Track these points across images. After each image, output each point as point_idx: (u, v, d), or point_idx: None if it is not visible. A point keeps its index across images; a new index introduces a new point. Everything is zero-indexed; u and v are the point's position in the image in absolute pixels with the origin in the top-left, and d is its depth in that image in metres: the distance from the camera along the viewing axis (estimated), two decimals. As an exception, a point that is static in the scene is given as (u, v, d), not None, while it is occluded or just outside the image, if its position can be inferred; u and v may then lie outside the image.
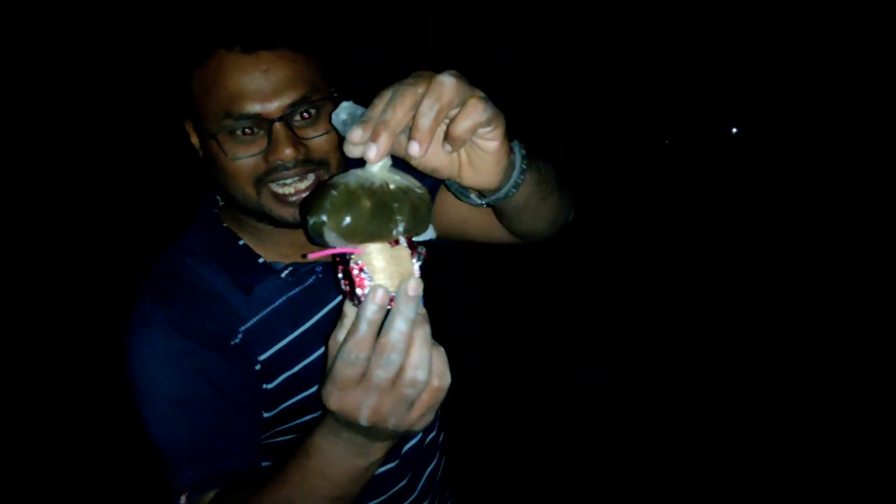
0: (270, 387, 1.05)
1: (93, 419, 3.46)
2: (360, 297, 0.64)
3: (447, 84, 0.62)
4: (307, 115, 0.94)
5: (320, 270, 1.08)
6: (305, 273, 1.07)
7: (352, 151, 0.63)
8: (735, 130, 7.80)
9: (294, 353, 1.06)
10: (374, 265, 0.65)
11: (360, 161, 0.64)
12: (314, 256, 0.69)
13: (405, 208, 0.65)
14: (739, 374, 3.73)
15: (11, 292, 4.30)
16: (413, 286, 0.61)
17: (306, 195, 0.95)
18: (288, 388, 1.06)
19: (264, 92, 0.90)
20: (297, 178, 0.95)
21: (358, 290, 0.65)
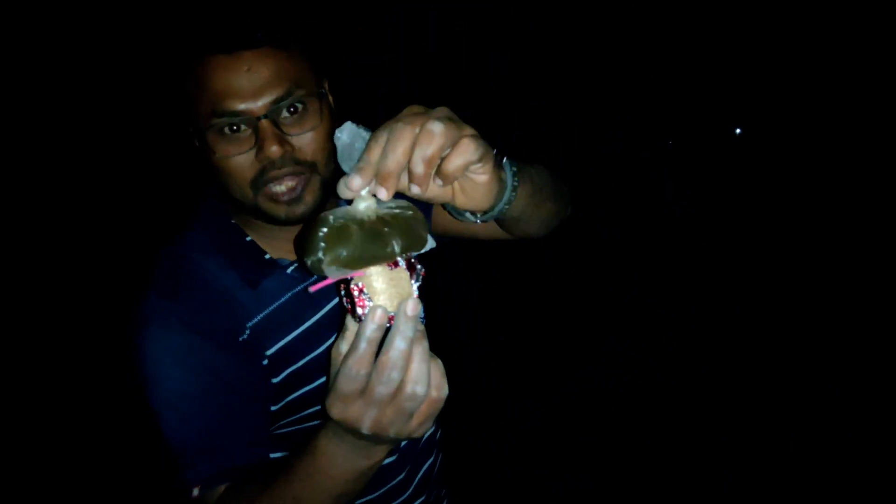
0: (276, 381, 1.07)
1: (93, 418, 3.47)
2: (361, 317, 0.67)
3: (437, 132, 0.65)
4: (293, 110, 0.96)
5: None
6: None
7: (346, 194, 0.67)
8: (739, 131, 7.79)
9: (299, 348, 1.08)
10: (375, 287, 0.67)
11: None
12: (316, 288, 0.71)
13: (396, 231, 0.67)
14: (739, 374, 3.74)
15: (11, 292, 4.30)
16: (412, 306, 0.65)
17: (299, 204, 0.99)
18: (293, 382, 1.08)
19: (248, 90, 0.92)
20: (288, 178, 0.97)
21: (358, 310, 0.68)
